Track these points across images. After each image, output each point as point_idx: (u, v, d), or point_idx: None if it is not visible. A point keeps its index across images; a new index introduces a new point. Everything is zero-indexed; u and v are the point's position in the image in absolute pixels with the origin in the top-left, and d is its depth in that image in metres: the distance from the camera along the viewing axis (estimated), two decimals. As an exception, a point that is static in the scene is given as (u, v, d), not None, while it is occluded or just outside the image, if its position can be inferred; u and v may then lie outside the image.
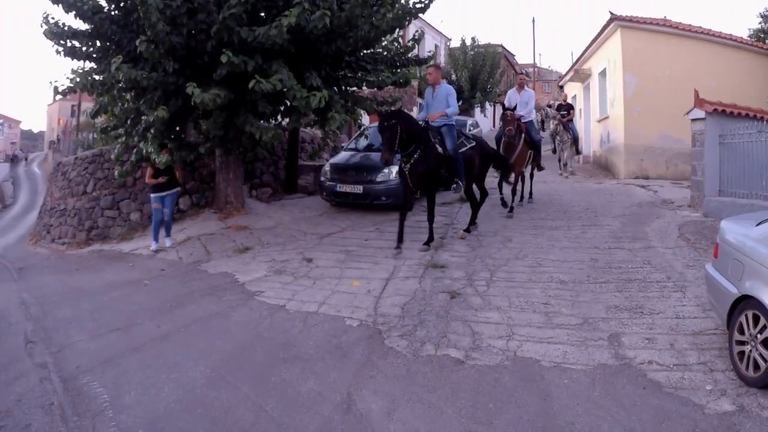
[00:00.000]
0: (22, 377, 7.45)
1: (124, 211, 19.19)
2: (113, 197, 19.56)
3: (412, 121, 12.08)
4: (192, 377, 6.95)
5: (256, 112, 14.00)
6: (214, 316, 9.23)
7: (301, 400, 6.20)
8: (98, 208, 19.86)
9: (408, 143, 11.63)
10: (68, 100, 30.47)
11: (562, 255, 11.29)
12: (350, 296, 9.53)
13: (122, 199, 19.39)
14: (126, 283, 11.17)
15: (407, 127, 11.60)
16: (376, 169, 16.04)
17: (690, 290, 8.83)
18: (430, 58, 19.27)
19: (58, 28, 14.05)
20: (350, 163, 17.19)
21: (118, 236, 18.18)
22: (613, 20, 23.09)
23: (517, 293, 9.16)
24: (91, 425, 6.00)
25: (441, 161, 11.99)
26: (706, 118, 14.01)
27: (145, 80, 12.78)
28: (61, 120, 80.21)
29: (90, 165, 21.49)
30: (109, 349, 8.15)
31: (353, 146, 18.99)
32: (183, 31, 12.97)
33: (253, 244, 13.80)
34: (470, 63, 49.87)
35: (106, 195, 19.84)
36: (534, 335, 7.53)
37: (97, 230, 19.44)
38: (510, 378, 6.41)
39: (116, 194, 19.58)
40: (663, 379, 6.17)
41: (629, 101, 22.31)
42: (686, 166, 16.81)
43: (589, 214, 15.08)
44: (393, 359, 7.08)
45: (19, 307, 11.17)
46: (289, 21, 12.03)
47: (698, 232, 12.19)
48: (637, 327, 7.62)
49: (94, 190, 20.61)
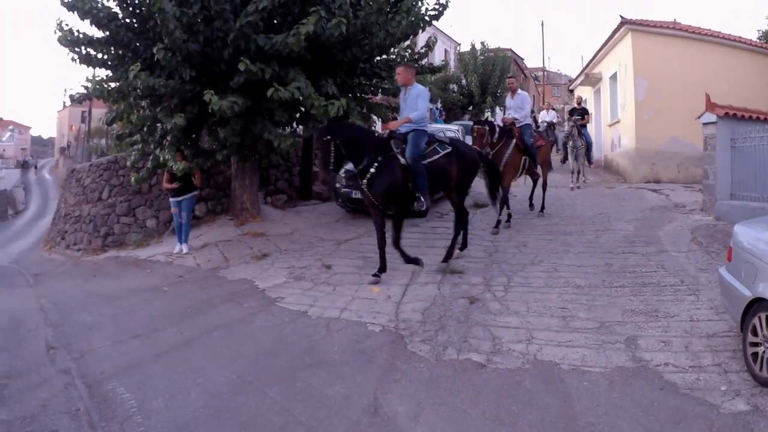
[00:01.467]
0: (45, 383, 7.52)
1: (140, 217, 19.31)
2: (129, 204, 19.68)
3: (355, 132, 11.17)
4: (218, 382, 7.05)
5: (273, 119, 14.09)
6: (236, 322, 9.35)
7: (329, 404, 6.31)
8: (114, 215, 19.97)
9: (355, 157, 10.67)
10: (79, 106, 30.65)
11: (577, 260, 11.41)
12: (371, 302, 9.64)
13: (138, 206, 19.50)
14: (145, 290, 11.27)
15: (347, 139, 10.56)
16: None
17: (703, 293, 8.95)
18: (443, 66, 19.38)
19: (73, 35, 14.14)
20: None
21: (134, 243, 18.27)
22: (623, 24, 23.17)
23: (534, 298, 9.28)
24: (120, 430, 6.09)
25: (405, 173, 10.77)
26: (717, 122, 14.06)
27: (162, 88, 12.91)
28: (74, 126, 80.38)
29: (105, 172, 21.62)
30: (132, 355, 8.26)
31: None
32: (200, 38, 13.07)
33: (270, 251, 13.92)
34: (480, 68, 49.53)
35: (121, 202, 19.96)
36: (553, 339, 7.66)
37: (112, 237, 19.54)
38: (531, 381, 6.54)
39: (132, 201, 19.69)
40: (679, 380, 6.30)
41: (640, 105, 22.39)
42: (698, 170, 16.85)
43: (602, 219, 15.21)
44: (416, 363, 7.20)
45: (37, 313, 11.27)
46: (307, 29, 12.14)
47: (710, 236, 12.29)
48: (652, 330, 7.74)
49: (110, 197, 20.74)
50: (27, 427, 6.27)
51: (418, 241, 13.47)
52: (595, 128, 30.65)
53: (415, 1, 15.00)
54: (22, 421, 6.38)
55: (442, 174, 11.20)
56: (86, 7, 13.33)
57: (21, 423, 6.35)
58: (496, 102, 50.18)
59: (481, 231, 14.03)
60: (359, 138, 10.80)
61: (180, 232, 15.42)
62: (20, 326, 10.43)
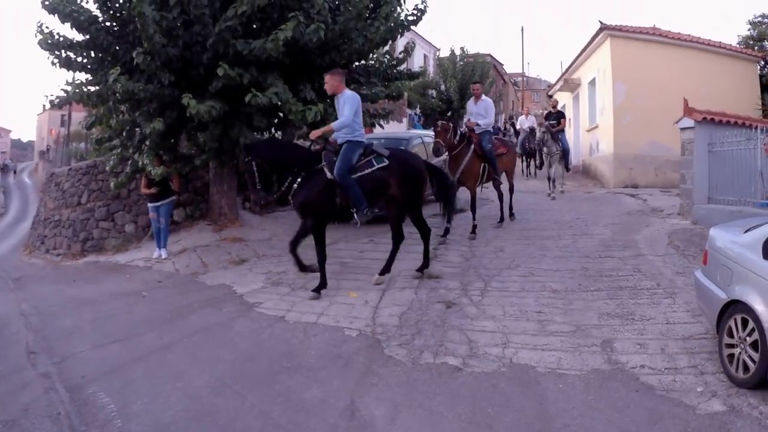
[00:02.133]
0: (26, 387, 7.52)
1: (119, 222, 19.19)
2: (108, 209, 19.54)
3: (276, 149, 11.12)
4: (197, 386, 7.07)
5: (252, 124, 14.09)
6: (215, 326, 9.35)
7: (307, 407, 6.34)
8: (93, 220, 19.84)
9: (281, 173, 10.60)
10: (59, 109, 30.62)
11: (553, 264, 11.45)
12: (348, 307, 9.65)
13: (117, 211, 19.36)
14: (125, 294, 11.23)
15: (268, 157, 10.55)
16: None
17: (680, 296, 9.02)
18: (421, 72, 19.41)
19: (53, 38, 14.05)
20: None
21: (114, 248, 18.16)
22: (602, 30, 23.33)
23: (511, 302, 9.31)
24: (100, 434, 6.07)
25: (331, 188, 10.38)
26: (695, 127, 14.20)
27: (141, 92, 12.80)
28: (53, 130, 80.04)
29: (84, 176, 21.47)
30: (112, 359, 8.24)
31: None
32: (179, 43, 13.02)
33: (249, 256, 13.92)
34: (459, 73, 49.74)
35: (100, 206, 19.82)
36: (529, 342, 7.70)
37: (92, 241, 19.43)
38: (507, 384, 6.58)
39: (111, 205, 19.54)
40: (655, 382, 6.35)
41: (618, 110, 22.53)
42: (675, 174, 16.92)
43: (579, 224, 15.29)
44: (393, 367, 7.23)
45: (18, 317, 11.23)
46: (285, 34, 12.12)
47: (687, 240, 12.41)
48: (628, 333, 7.79)
49: (89, 202, 20.59)
50: (8, 430, 6.27)
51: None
52: (574, 133, 30.83)
53: (393, 7, 14.99)
54: (4, 425, 6.38)
55: (378, 188, 10.61)
56: (67, 10, 13.23)
57: (3, 427, 6.34)
58: (476, 108, 50.31)
59: (458, 236, 14.03)
60: (281, 154, 10.75)
61: (159, 237, 15.36)
62: (1, 330, 10.41)
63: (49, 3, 13.22)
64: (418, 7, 15.65)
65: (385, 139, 19.34)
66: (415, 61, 46.97)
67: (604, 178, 24.28)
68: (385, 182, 10.57)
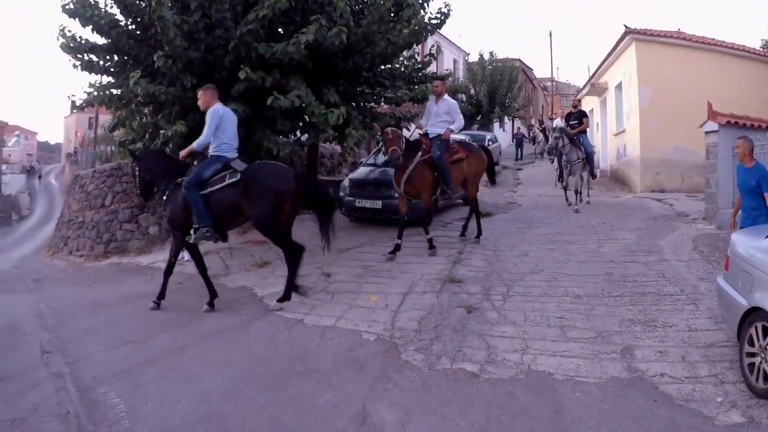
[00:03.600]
0: (37, 386, 7.54)
1: (143, 224, 19.34)
2: (132, 210, 19.71)
3: (153, 160, 11.30)
4: (208, 389, 7.05)
5: (275, 128, 14.05)
6: (230, 329, 9.33)
7: (317, 412, 6.29)
8: (117, 221, 20.00)
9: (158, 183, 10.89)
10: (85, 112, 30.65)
11: (577, 269, 11.37)
12: (368, 311, 9.62)
13: (141, 213, 19.52)
14: (143, 296, 11.21)
15: (147, 167, 11.01)
16: (394, 185, 16.00)
17: (703, 303, 8.92)
18: (447, 75, 19.32)
19: (75, 41, 14.19)
20: (369, 178, 17.26)
21: (137, 249, 18.30)
22: (627, 34, 23.11)
23: (532, 307, 9.23)
24: (106, 435, 6.06)
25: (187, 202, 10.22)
26: (719, 131, 14.06)
27: (163, 95, 12.87)
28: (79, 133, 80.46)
29: (108, 178, 21.68)
30: (125, 360, 8.25)
31: (372, 161, 19.01)
32: (201, 46, 13.03)
33: (271, 259, 13.88)
34: (488, 77, 49.73)
35: (124, 208, 19.99)
36: (548, 349, 7.62)
37: (115, 243, 19.56)
38: (523, 391, 6.50)
39: (134, 207, 19.70)
40: (674, 391, 6.25)
41: (644, 114, 22.29)
42: (701, 179, 16.70)
43: (605, 228, 15.16)
44: (409, 372, 7.18)
45: (35, 318, 11.28)
46: (306, 38, 12.10)
47: (712, 245, 12.24)
48: (649, 340, 7.70)
49: (113, 203, 20.78)
50: (15, 428, 6.28)
51: (419, 249, 13.41)
52: (601, 137, 30.67)
53: (416, 10, 14.93)
54: (12, 423, 6.38)
55: (229, 205, 10.19)
56: (87, 15, 13.32)
57: (10, 425, 6.35)
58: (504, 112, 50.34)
59: (483, 240, 13.94)
60: (155, 165, 11.01)
61: (181, 240, 15.33)
62: (17, 330, 10.43)
63: (70, 7, 13.28)
64: (442, 10, 15.62)
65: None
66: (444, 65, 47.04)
67: (631, 182, 24.07)
68: (233, 199, 10.15)
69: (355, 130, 14.09)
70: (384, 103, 17.40)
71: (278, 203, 9.98)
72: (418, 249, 13.48)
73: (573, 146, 18.60)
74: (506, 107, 50.91)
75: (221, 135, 10.50)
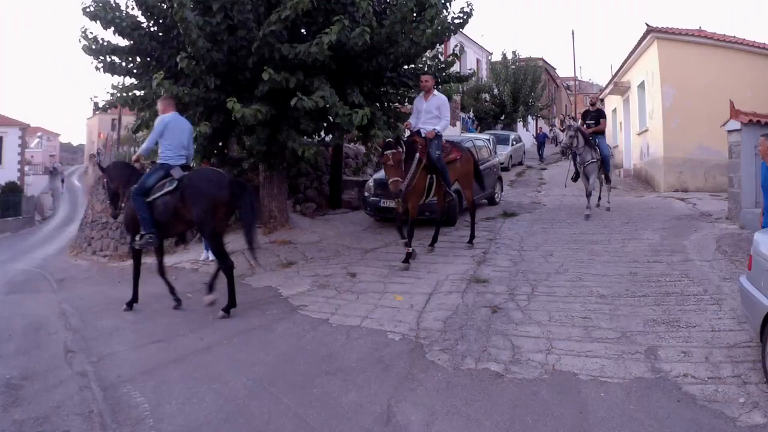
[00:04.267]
0: (61, 385, 7.57)
1: (167, 225, 19.39)
2: (156, 211, 19.69)
3: (116, 170, 11.75)
4: (234, 388, 7.09)
5: (299, 128, 14.09)
6: (256, 329, 9.38)
7: (342, 412, 6.34)
8: (140, 222, 19.92)
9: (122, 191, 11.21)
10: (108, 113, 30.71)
11: (602, 269, 11.39)
12: (393, 310, 9.67)
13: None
14: (167, 296, 11.18)
15: (110, 176, 11.61)
16: (419, 185, 16.05)
17: (726, 303, 8.91)
18: (470, 75, 19.33)
19: (97, 43, 14.28)
20: (394, 178, 17.25)
21: (162, 249, 18.36)
22: (649, 32, 23.08)
23: (557, 307, 9.26)
24: (130, 433, 6.14)
25: None
26: (741, 130, 14.02)
27: (186, 96, 12.93)
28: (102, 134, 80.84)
29: (132, 179, 21.67)
30: (150, 359, 8.30)
31: (397, 162, 19.03)
32: (224, 47, 13.12)
33: (297, 259, 14.00)
34: (512, 77, 49.68)
35: (149, 209, 19.98)
36: (573, 349, 7.64)
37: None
38: (548, 391, 6.53)
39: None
40: (697, 392, 6.27)
41: (667, 113, 22.26)
42: (724, 178, 16.60)
43: (629, 228, 15.18)
44: (434, 372, 7.21)
45: (59, 317, 11.34)
46: (329, 38, 12.15)
47: (735, 245, 12.23)
48: (673, 340, 7.70)
49: (137, 204, 20.73)
50: (39, 427, 6.32)
51: (445, 249, 13.53)
52: (625, 137, 30.63)
53: (438, 10, 14.94)
54: (35, 421, 6.44)
55: (170, 212, 10.37)
56: (109, 17, 13.41)
57: (33, 423, 6.41)
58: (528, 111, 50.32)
59: (508, 240, 13.99)
60: (119, 175, 11.44)
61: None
62: (41, 330, 10.49)
63: (91, 10, 13.37)
64: (465, 10, 15.59)
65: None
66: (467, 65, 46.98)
67: (654, 182, 24.02)
68: (173, 206, 10.33)
69: (380, 130, 14.10)
70: (408, 103, 17.43)
71: (211, 208, 10.12)
72: (442, 249, 13.55)
73: (588, 146, 17.41)
74: (530, 107, 50.87)
75: (165, 143, 10.79)
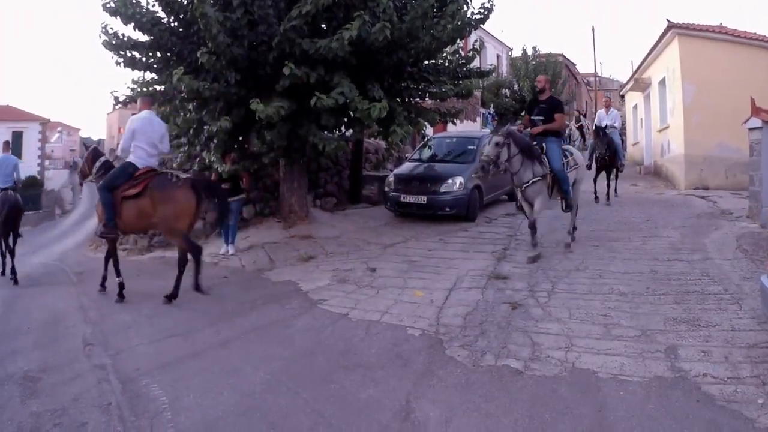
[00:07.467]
0: (78, 378, 7.62)
1: (186, 218, 19.41)
2: (174, 205, 19.70)
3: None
4: (251, 382, 7.10)
5: (320, 123, 14.09)
6: (275, 323, 9.43)
7: (360, 407, 6.34)
8: (161, 216, 19.93)
9: None
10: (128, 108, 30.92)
11: (622, 266, 11.31)
12: (413, 306, 9.66)
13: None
14: (187, 290, 11.19)
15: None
16: (439, 180, 16.21)
17: (746, 302, 8.82)
18: (491, 71, 19.32)
19: (118, 39, 14.42)
20: (414, 173, 17.41)
21: (180, 243, 18.40)
22: (670, 28, 22.97)
23: (577, 305, 9.22)
24: (148, 426, 6.15)
25: None
26: (762, 127, 13.89)
27: (207, 91, 13.03)
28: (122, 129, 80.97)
29: (152, 173, 21.67)
30: (168, 353, 8.33)
31: (417, 157, 19.20)
32: (244, 42, 13.16)
33: (316, 253, 14.03)
34: (532, 73, 49.24)
35: (168, 202, 20.00)
36: (592, 347, 7.60)
37: (159, 237, 19.59)
38: (567, 389, 6.50)
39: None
40: (716, 392, 6.22)
41: (688, 110, 22.14)
42: (745, 176, 16.41)
43: (649, 226, 15.09)
44: (453, 368, 7.20)
45: (77, 311, 11.41)
46: (350, 34, 12.18)
47: (755, 244, 12.14)
48: (693, 339, 7.65)
49: (156, 198, 20.74)
50: (57, 419, 6.37)
51: (465, 245, 13.54)
52: (645, 134, 30.48)
53: (459, 6, 14.94)
54: (53, 414, 6.49)
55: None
56: (129, 12, 13.52)
57: (51, 415, 6.46)
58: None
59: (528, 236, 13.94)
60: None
61: (227, 233, 15.59)
62: (59, 323, 10.57)
63: (111, 6, 13.44)
64: (485, 5, 15.62)
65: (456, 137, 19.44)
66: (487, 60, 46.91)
67: (674, 179, 23.93)
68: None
69: (400, 126, 14.09)
70: (429, 99, 17.43)
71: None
72: (463, 245, 13.55)
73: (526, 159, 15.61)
74: (550, 102, 50.62)
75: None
